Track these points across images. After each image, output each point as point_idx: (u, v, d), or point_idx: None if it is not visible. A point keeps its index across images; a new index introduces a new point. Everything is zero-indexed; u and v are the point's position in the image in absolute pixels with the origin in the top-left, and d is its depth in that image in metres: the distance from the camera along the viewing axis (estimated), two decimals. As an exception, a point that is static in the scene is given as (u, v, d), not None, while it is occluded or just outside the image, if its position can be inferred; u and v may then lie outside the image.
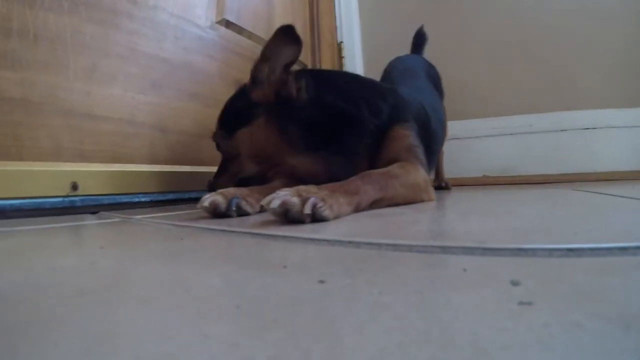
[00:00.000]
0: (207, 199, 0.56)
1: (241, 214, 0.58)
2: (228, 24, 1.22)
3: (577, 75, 1.65)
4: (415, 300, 0.18)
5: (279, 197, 0.45)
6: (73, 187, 0.75)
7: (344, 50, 1.92)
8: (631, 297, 0.18)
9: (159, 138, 0.97)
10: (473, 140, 1.76)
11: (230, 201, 0.57)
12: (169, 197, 0.97)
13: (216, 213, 0.56)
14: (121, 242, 0.42)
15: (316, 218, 0.45)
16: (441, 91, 1.40)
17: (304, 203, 0.44)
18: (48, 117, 0.75)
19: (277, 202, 0.44)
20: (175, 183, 0.99)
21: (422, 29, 1.53)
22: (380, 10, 1.96)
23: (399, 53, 1.43)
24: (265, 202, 0.46)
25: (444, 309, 0.17)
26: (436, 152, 1.12)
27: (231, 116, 0.80)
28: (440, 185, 1.42)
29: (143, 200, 0.90)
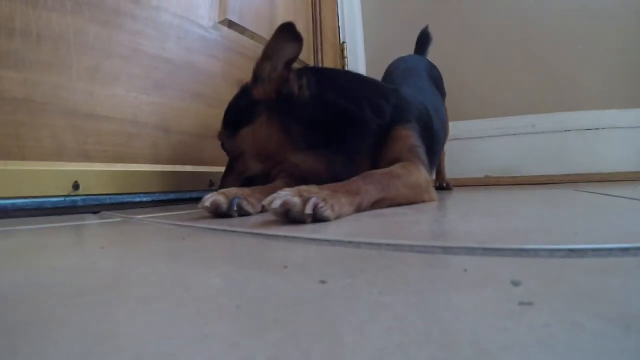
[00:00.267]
0: (209, 199, 0.56)
1: (242, 214, 0.58)
2: (230, 24, 1.22)
3: (579, 75, 1.65)
4: (415, 300, 0.18)
5: (280, 197, 0.45)
6: (74, 187, 0.76)
7: (347, 50, 1.91)
8: (632, 298, 0.18)
9: (162, 138, 0.98)
10: (475, 140, 1.76)
11: (231, 201, 0.57)
12: (171, 197, 0.97)
13: (217, 213, 0.56)
14: (122, 242, 0.42)
15: (317, 218, 0.45)
16: (443, 91, 1.40)
17: (305, 203, 0.44)
18: (51, 117, 0.75)
19: (278, 202, 0.44)
20: (177, 183, 0.99)
21: (427, 30, 1.52)
22: (382, 10, 1.96)
23: (402, 53, 1.43)
24: (266, 202, 0.46)
25: (445, 309, 0.17)
26: (438, 153, 1.12)
27: (234, 115, 0.80)
28: (441, 185, 1.42)
29: (144, 200, 0.90)
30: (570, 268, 0.23)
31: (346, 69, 1.81)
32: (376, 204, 0.58)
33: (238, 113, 0.79)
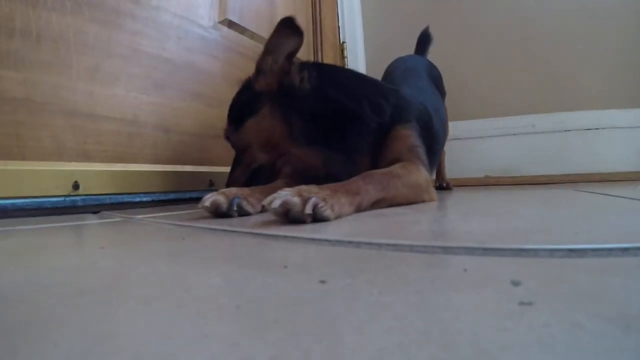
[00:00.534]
0: (209, 199, 0.56)
1: (242, 214, 0.58)
2: (230, 24, 1.22)
3: (579, 75, 1.65)
4: (415, 300, 0.18)
5: (280, 197, 0.45)
6: (74, 187, 0.76)
7: (347, 50, 1.91)
8: (632, 298, 0.18)
9: (162, 138, 0.98)
10: (475, 140, 1.76)
11: (231, 201, 0.57)
12: (171, 197, 0.97)
13: (217, 213, 0.56)
14: (122, 242, 0.42)
15: (317, 218, 0.45)
16: (443, 91, 1.40)
17: (305, 203, 0.44)
18: (51, 117, 0.75)
19: (278, 202, 0.44)
20: (177, 183, 0.99)
21: (428, 30, 1.52)
22: (382, 10, 1.96)
23: (402, 53, 1.43)
24: (266, 202, 0.46)
25: (445, 309, 0.17)
26: (438, 152, 1.12)
27: (238, 109, 0.81)
28: (441, 185, 1.42)
29: (144, 200, 0.90)
30: (570, 268, 0.23)
31: (347, 68, 1.81)
32: (376, 204, 0.58)
33: (242, 106, 0.80)
